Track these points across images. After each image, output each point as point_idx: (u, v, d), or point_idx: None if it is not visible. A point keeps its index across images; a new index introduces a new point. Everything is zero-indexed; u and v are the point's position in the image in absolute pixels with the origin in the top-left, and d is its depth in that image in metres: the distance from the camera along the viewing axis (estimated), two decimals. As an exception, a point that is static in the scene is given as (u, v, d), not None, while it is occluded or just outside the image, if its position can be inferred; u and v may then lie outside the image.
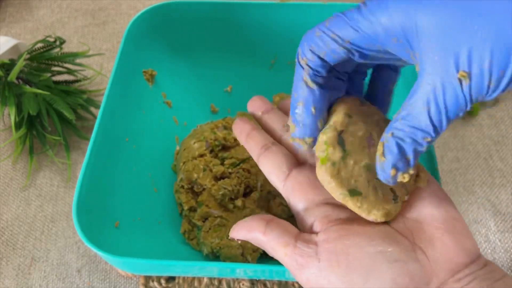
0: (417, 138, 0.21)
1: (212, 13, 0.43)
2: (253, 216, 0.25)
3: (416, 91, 0.21)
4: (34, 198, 0.43)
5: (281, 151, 0.27)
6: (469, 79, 0.19)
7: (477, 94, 0.19)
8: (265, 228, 0.23)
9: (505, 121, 0.48)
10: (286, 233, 0.23)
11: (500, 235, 0.40)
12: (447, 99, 0.20)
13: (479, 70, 0.19)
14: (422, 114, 0.20)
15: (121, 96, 0.38)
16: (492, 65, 0.19)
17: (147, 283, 0.38)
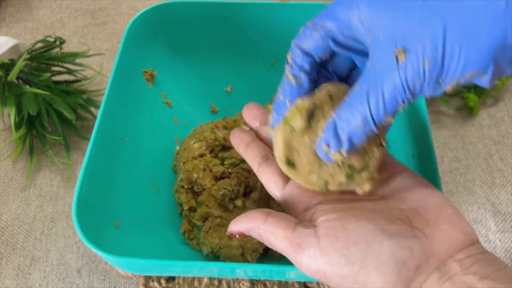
0: (352, 122, 0.22)
1: (212, 13, 0.43)
2: (253, 210, 0.25)
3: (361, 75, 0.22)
4: (34, 198, 0.43)
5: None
6: (404, 57, 0.20)
7: (413, 77, 0.20)
8: (266, 217, 0.24)
9: (505, 121, 0.48)
10: (287, 219, 0.24)
11: (500, 235, 0.40)
12: (384, 81, 0.20)
13: (415, 48, 0.19)
14: (361, 98, 0.21)
15: (121, 96, 0.38)
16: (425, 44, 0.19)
17: (147, 283, 0.38)
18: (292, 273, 0.28)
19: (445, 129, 0.47)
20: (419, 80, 0.20)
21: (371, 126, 0.21)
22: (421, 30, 0.19)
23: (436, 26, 0.19)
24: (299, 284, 0.37)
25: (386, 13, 0.21)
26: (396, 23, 0.20)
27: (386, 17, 0.21)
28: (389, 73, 0.20)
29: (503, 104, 0.49)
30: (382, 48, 0.21)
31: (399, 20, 0.20)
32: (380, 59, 0.21)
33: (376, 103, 0.21)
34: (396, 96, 0.20)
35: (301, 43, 0.25)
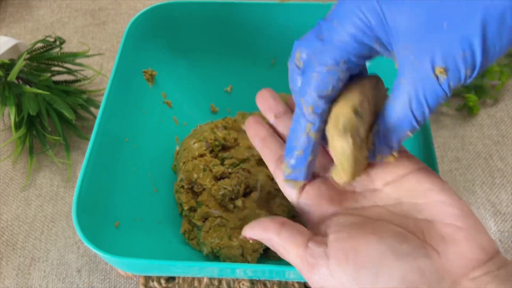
0: (400, 131, 0.23)
1: (212, 13, 0.43)
2: (267, 218, 0.25)
3: (397, 89, 0.22)
4: (34, 198, 0.43)
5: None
6: (446, 74, 0.20)
7: (455, 84, 0.21)
8: (279, 229, 0.24)
9: (505, 121, 0.48)
10: (299, 235, 0.23)
11: (500, 235, 0.40)
12: (427, 94, 0.21)
13: (454, 65, 0.20)
14: (405, 108, 0.22)
15: (121, 96, 0.38)
16: (466, 57, 0.20)
17: (147, 283, 0.38)
18: (292, 273, 0.28)
19: (445, 129, 0.47)
20: (460, 83, 0.21)
21: (415, 128, 0.23)
22: (458, 47, 0.20)
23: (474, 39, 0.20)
24: (299, 284, 0.37)
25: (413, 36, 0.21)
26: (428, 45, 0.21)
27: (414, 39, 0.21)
28: (430, 85, 0.21)
29: (503, 104, 0.49)
30: (416, 66, 0.21)
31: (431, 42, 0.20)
32: (415, 73, 0.21)
33: (422, 114, 0.22)
34: (438, 100, 0.21)
35: (323, 91, 0.23)
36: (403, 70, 0.22)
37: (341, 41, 0.22)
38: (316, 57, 0.23)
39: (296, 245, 0.23)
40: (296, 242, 0.23)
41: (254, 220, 0.25)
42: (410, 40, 0.21)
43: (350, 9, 0.22)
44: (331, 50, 0.23)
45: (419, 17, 0.21)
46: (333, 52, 0.23)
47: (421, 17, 0.20)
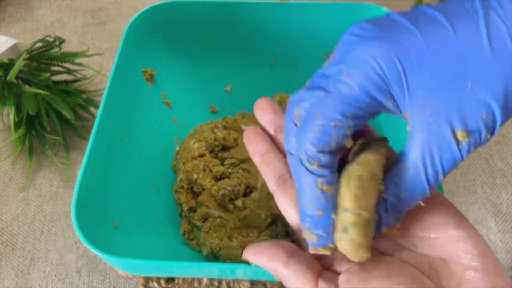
0: (412, 201, 0.21)
1: (212, 12, 0.43)
2: (274, 244, 0.23)
3: (409, 153, 0.20)
4: (33, 198, 0.43)
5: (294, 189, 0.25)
6: (468, 138, 0.19)
7: (474, 148, 0.20)
8: (286, 260, 0.22)
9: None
10: (309, 270, 0.21)
11: (501, 235, 0.40)
12: (444, 160, 0.20)
13: (476, 128, 0.19)
14: (419, 176, 0.20)
15: (121, 96, 0.37)
16: (488, 120, 0.19)
17: (146, 284, 0.38)
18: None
19: (445, 129, 0.47)
20: (480, 145, 0.20)
21: (427, 196, 0.21)
22: (482, 109, 0.19)
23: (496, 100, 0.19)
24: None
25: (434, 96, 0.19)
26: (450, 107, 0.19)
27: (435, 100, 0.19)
28: (449, 150, 0.20)
29: (503, 104, 0.49)
30: (435, 129, 0.19)
31: (453, 103, 0.19)
32: (433, 136, 0.20)
33: (435, 180, 0.20)
34: (455, 165, 0.20)
35: (329, 147, 0.21)
36: (418, 134, 0.20)
37: (350, 94, 0.20)
38: (320, 108, 0.21)
39: (305, 282, 0.21)
40: (305, 279, 0.21)
41: (258, 244, 0.23)
42: (431, 100, 0.19)
43: (362, 59, 0.20)
44: (339, 102, 0.20)
45: (444, 75, 0.19)
46: (341, 105, 0.20)
47: (446, 76, 0.19)
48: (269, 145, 0.27)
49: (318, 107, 0.21)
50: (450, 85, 0.19)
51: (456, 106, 0.19)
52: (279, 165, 0.26)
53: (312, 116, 0.21)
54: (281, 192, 0.25)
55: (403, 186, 0.21)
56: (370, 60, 0.20)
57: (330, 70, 0.21)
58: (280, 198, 0.25)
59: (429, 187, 0.20)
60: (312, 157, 0.21)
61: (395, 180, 0.21)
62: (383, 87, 0.20)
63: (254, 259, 0.23)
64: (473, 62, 0.19)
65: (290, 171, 0.24)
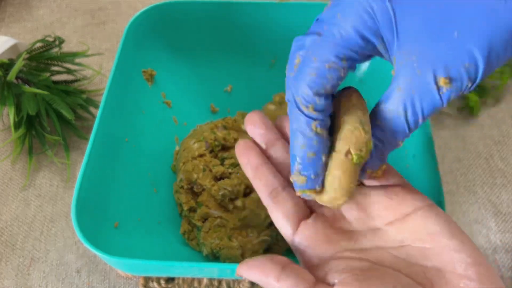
0: (394, 142, 0.22)
1: (212, 12, 0.43)
2: (267, 258, 0.23)
3: (391, 96, 0.21)
4: (33, 198, 0.43)
5: (290, 197, 0.26)
6: (450, 85, 0.20)
7: (454, 96, 0.20)
8: (279, 274, 0.21)
9: (506, 121, 0.48)
10: (302, 282, 0.21)
11: (501, 235, 0.40)
12: (424, 104, 0.20)
13: (458, 76, 0.20)
14: (400, 118, 0.21)
15: (121, 96, 0.37)
16: (470, 69, 0.19)
17: (146, 284, 0.38)
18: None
19: (446, 129, 0.47)
20: (458, 95, 0.20)
21: (407, 136, 0.22)
22: (465, 57, 0.19)
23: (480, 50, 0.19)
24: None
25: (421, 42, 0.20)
26: (434, 53, 0.20)
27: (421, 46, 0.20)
28: (429, 95, 0.20)
29: (504, 104, 0.49)
30: (418, 74, 0.20)
31: (438, 50, 0.20)
32: (415, 81, 0.20)
33: (415, 122, 0.21)
34: (435, 110, 0.21)
35: (324, 89, 0.21)
36: (402, 78, 0.21)
37: (344, 35, 0.21)
38: (315, 52, 0.21)
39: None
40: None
41: (252, 259, 0.23)
42: (417, 46, 0.20)
43: (356, 1, 0.21)
44: (333, 45, 0.21)
45: (432, 22, 0.20)
46: (336, 47, 0.21)
47: (434, 22, 0.20)
48: (261, 158, 0.27)
49: (314, 51, 0.21)
50: (437, 32, 0.20)
51: (441, 53, 0.20)
52: (271, 179, 0.26)
53: (308, 59, 0.22)
54: (274, 206, 0.25)
55: (385, 127, 0.22)
56: (363, 3, 0.20)
57: (326, 14, 0.22)
58: (273, 211, 0.25)
59: (409, 129, 0.21)
60: (308, 100, 0.21)
61: (378, 122, 0.22)
62: (375, 29, 0.21)
63: (248, 274, 0.23)
64: (462, 11, 0.19)
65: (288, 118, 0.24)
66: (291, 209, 0.25)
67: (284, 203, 0.25)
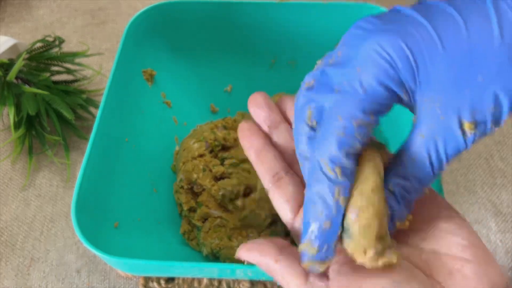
0: (420, 189, 0.21)
1: (212, 12, 0.42)
2: (266, 240, 0.23)
3: (413, 142, 0.21)
4: (33, 198, 0.43)
5: (292, 182, 0.25)
6: (475, 129, 0.20)
7: (480, 137, 0.20)
8: (277, 255, 0.22)
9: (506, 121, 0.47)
10: (299, 264, 0.21)
11: (501, 235, 0.40)
12: (448, 149, 0.20)
13: (483, 119, 0.19)
14: (424, 164, 0.20)
15: (121, 96, 0.37)
16: (495, 112, 0.19)
17: (146, 284, 0.38)
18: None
19: (445, 129, 0.47)
20: (484, 135, 0.20)
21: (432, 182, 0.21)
22: (490, 101, 0.19)
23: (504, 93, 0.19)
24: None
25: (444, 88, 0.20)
26: (459, 99, 0.19)
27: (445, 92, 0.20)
28: (454, 140, 0.20)
29: (503, 104, 0.49)
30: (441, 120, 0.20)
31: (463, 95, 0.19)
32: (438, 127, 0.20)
33: (439, 167, 0.21)
34: (459, 153, 0.20)
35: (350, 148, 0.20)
36: (424, 124, 0.20)
37: (367, 88, 0.20)
38: (339, 110, 0.20)
39: (296, 276, 0.21)
40: (296, 272, 0.21)
41: (251, 241, 0.23)
42: (441, 92, 0.20)
43: (374, 51, 0.20)
44: (358, 100, 0.20)
45: (454, 67, 0.19)
46: (362, 103, 0.20)
47: (456, 68, 0.19)
48: (264, 141, 0.27)
49: (337, 109, 0.20)
50: (461, 78, 0.19)
51: (466, 99, 0.19)
52: (274, 162, 0.26)
53: (332, 118, 0.20)
54: (276, 190, 0.25)
55: (409, 175, 0.21)
56: (381, 52, 0.20)
57: (338, 69, 0.21)
58: (275, 194, 0.25)
59: (433, 174, 0.21)
60: (336, 162, 0.20)
61: (400, 171, 0.21)
62: (397, 79, 0.20)
63: (247, 255, 0.23)
64: (484, 54, 0.19)
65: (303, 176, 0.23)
66: (292, 194, 0.25)
67: (285, 188, 0.25)
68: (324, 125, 0.21)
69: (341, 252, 0.22)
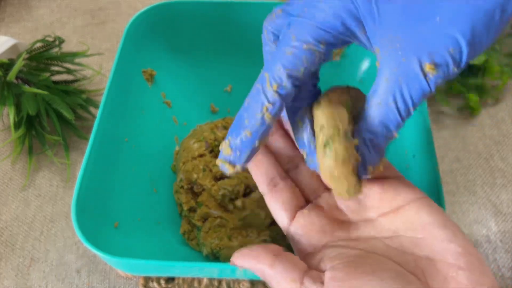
0: (389, 133, 0.21)
1: (212, 12, 0.42)
2: (260, 246, 0.23)
3: (379, 88, 0.21)
4: (33, 198, 0.43)
5: (288, 188, 0.26)
6: (436, 71, 0.20)
7: (441, 81, 0.20)
8: (272, 261, 0.22)
9: (506, 121, 0.48)
10: (294, 268, 0.22)
11: (501, 235, 0.40)
12: (413, 92, 0.20)
13: (444, 61, 0.19)
14: (391, 109, 0.21)
15: (121, 96, 0.37)
16: (455, 54, 0.19)
17: (146, 284, 0.38)
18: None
19: (446, 129, 0.47)
20: (447, 77, 0.20)
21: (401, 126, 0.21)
22: (449, 43, 0.19)
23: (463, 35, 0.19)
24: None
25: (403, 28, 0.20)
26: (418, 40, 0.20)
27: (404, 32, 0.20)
28: (417, 82, 0.20)
29: (504, 104, 0.49)
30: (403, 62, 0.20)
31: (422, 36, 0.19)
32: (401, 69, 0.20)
33: (407, 111, 0.21)
34: (424, 96, 0.20)
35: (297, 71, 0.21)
36: (387, 67, 0.20)
37: (323, 18, 0.21)
38: (294, 31, 0.21)
39: (290, 281, 0.21)
40: (291, 277, 0.21)
41: (246, 248, 0.23)
42: (400, 33, 0.20)
43: None
44: (312, 26, 0.21)
45: (413, 7, 0.19)
46: (314, 29, 0.21)
47: (416, 8, 0.19)
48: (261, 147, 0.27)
49: (293, 30, 0.21)
50: (419, 18, 0.19)
51: (424, 40, 0.19)
52: (271, 168, 0.26)
53: (286, 38, 0.21)
54: (272, 195, 0.26)
55: (377, 120, 0.21)
56: None
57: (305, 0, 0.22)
58: (271, 201, 0.26)
59: (401, 118, 0.21)
60: (277, 79, 0.21)
61: (369, 116, 0.21)
62: (355, 15, 0.20)
63: (242, 262, 0.23)
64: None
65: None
66: (288, 199, 0.25)
67: (281, 193, 0.26)
68: (280, 43, 0.22)
69: (335, 257, 0.22)
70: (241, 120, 0.22)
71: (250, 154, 0.23)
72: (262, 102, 0.22)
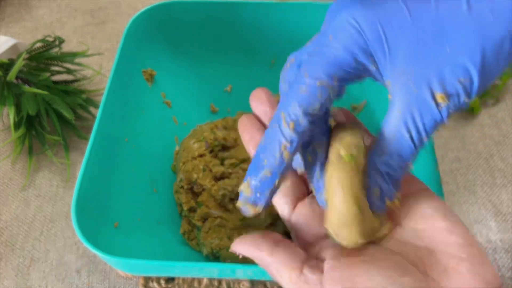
0: (404, 164, 0.21)
1: (212, 12, 0.43)
2: (260, 234, 0.23)
3: (391, 120, 0.21)
4: (33, 198, 0.43)
5: (290, 178, 0.26)
6: (447, 101, 0.20)
7: (453, 111, 0.20)
8: (272, 249, 0.22)
9: (506, 121, 0.48)
10: (294, 257, 0.22)
11: (501, 235, 0.40)
12: (425, 121, 0.20)
13: (455, 91, 0.20)
14: (405, 140, 0.21)
15: (121, 96, 0.37)
16: (466, 83, 0.20)
17: (146, 284, 0.38)
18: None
19: (445, 129, 0.47)
20: (459, 107, 0.20)
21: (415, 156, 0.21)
22: (460, 72, 0.19)
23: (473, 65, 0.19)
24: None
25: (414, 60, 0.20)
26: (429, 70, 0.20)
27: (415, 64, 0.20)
28: (429, 113, 0.20)
29: (504, 104, 0.49)
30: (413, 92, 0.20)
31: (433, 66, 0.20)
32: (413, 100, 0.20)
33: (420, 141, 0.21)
34: (436, 126, 0.21)
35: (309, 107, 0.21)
36: (399, 99, 0.21)
37: (334, 54, 0.21)
38: (307, 68, 0.21)
39: (290, 269, 0.21)
40: (290, 265, 0.21)
41: (246, 235, 0.24)
42: (411, 64, 0.20)
43: (346, 22, 0.21)
44: (324, 63, 0.21)
45: (423, 39, 0.20)
46: (327, 66, 0.21)
47: (425, 40, 0.20)
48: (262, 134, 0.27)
49: (306, 68, 0.21)
50: (429, 51, 0.20)
51: (435, 70, 0.20)
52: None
53: (300, 76, 0.21)
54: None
55: (392, 152, 0.21)
56: (352, 22, 0.20)
57: (318, 38, 0.22)
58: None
59: (415, 148, 0.21)
60: (293, 117, 0.21)
61: (383, 149, 0.21)
62: (366, 49, 0.21)
63: (242, 248, 0.23)
64: (452, 26, 0.19)
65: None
66: (290, 189, 0.25)
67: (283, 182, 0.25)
68: (293, 81, 0.22)
69: (334, 247, 0.22)
70: (259, 160, 0.22)
71: (271, 194, 0.22)
72: (280, 141, 0.21)
